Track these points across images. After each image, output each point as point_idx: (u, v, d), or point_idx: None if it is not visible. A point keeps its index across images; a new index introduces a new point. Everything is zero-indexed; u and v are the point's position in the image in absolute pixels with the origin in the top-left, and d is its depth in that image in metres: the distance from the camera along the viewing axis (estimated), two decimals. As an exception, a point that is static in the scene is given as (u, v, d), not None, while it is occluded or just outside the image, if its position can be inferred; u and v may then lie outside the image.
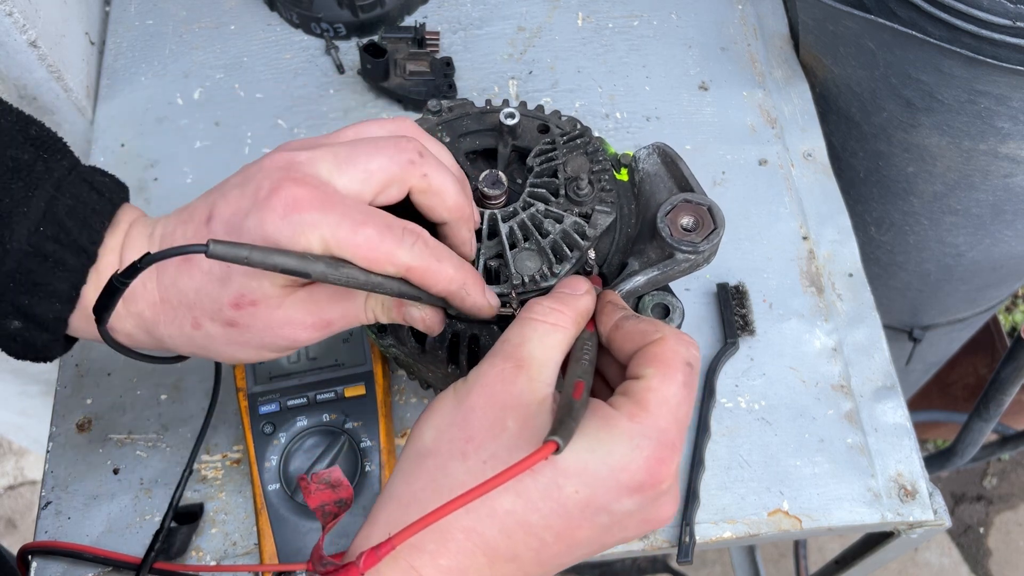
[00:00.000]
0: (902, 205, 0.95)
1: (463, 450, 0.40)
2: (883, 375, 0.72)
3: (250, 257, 0.40)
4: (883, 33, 0.74)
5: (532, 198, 0.54)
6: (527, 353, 0.42)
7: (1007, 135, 0.77)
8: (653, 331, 0.43)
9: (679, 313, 0.55)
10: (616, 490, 0.39)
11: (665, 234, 0.50)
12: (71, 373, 0.72)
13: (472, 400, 0.41)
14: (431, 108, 0.59)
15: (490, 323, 0.52)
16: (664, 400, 0.40)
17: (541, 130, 0.58)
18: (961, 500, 1.85)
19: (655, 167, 0.55)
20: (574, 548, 0.41)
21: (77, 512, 0.67)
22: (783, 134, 0.84)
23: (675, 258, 0.51)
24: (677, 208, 0.51)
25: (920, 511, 0.66)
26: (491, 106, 0.60)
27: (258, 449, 0.64)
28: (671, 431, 0.40)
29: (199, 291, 0.46)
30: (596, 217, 0.53)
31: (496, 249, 0.52)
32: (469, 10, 0.92)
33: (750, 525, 0.66)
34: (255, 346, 0.47)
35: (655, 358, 0.42)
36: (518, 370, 0.42)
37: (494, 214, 0.53)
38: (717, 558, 1.73)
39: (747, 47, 0.89)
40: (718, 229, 0.51)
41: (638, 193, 0.56)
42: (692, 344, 0.43)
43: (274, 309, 0.46)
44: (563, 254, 0.52)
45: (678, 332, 0.43)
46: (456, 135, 0.58)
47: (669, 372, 0.41)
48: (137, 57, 0.88)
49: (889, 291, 1.12)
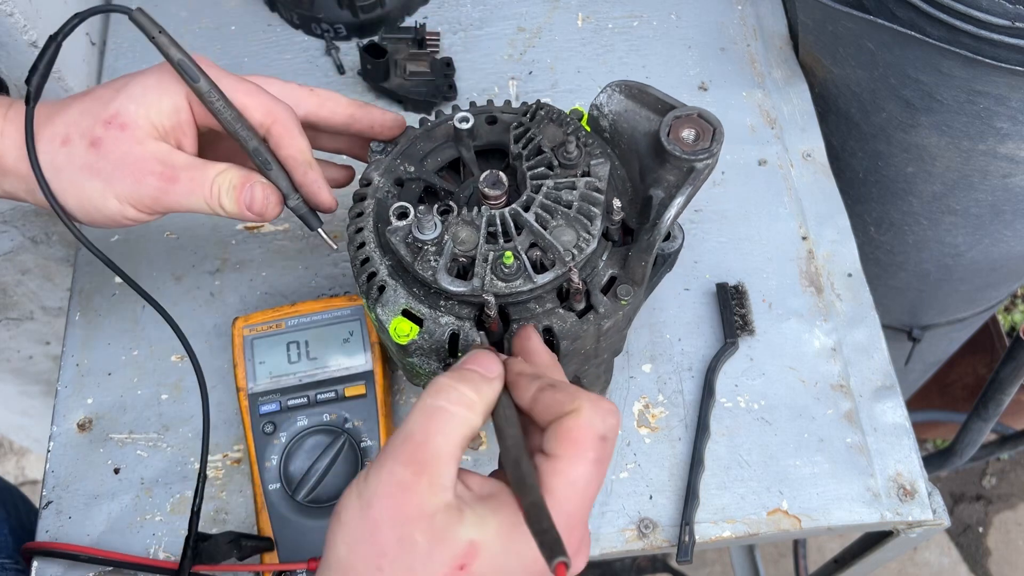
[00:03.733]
0: (901, 205, 0.95)
1: (378, 564, 0.39)
2: (882, 375, 0.72)
3: (158, 38, 0.53)
4: (882, 33, 0.74)
5: (537, 179, 0.54)
6: (431, 454, 0.41)
7: (1006, 135, 0.78)
8: (568, 402, 0.42)
9: (679, 229, 0.58)
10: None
11: (678, 152, 0.51)
12: (72, 373, 0.72)
13: (375, 513, 0.40)
14: (375, 149, 0.60)
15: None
16: (572, 483, 0.40)
17: (489, 122, 0.59)
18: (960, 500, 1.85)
19: (622, 104, 0.56)
20: None
21: (78, 512, 0.67)
22: (782, 134, 0.84)
23: (697, 169, 0.51)
24: (674, 126, 0.52)
25: (919, 511, 0.66)
26: (431, 122, 0.60)
27: (258, 449, 0.64)
28: (576, 513, 0.41)
29: (83, 110, 0.54)
30: (595, 170, 0.54)
31: (529, 239, 0.52)
32: (469, 11, 0.92)
33: (749, 525, 0.66)
34: (103, 178, 0.53)
35: (566, 436, 0.41)
36: (418, 477, 0.40)
37: (513, 209, 0.53)
38: (717, 558, 1.73)
39: (747, 47, 0.89)
40: (718, 128, 0.52)
41: (614, 134, 0.57)
42: (610, 412, 0.42)
43: (136, 143, 0.53)
44: (591, 214, 0.52)
45: (595, 400, 0.42)
46: (417, 161, 0.58)
47: (579, 451, 0.41)
48: (137, 57, 0.88)
49: (888, 291, 1.12)
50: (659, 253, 0.59)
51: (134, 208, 0.55)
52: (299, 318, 0.68)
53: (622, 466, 0.68)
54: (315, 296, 0.75)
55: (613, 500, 0.67)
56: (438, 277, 0.51)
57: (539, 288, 0.52)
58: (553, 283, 0.52)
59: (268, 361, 0.67)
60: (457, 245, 0.52)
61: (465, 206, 0.56)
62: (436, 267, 0.51)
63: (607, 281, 0.55)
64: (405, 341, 0.53)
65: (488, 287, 0.51)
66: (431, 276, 0.51)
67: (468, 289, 0.51)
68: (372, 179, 0.58)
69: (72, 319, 0.75)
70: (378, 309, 0.54)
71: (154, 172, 0.53)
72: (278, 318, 0.68)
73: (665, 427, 0.70)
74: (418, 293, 0.54)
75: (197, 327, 0.74)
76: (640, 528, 0.66)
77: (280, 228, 0.79)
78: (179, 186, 0.54)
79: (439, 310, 0.53)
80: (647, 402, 0.71)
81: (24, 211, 0.95)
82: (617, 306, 0.54)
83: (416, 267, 0.52)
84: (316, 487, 0.63)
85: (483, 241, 0.52)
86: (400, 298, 0.54)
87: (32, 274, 1.04)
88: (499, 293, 0.51)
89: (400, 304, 0.54)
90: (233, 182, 0.55)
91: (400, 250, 0.52)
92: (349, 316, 0.68)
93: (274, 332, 0.68)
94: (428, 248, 0.52)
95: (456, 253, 0.52)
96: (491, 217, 0.53)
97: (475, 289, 0.51)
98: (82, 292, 0.76)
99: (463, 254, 0.52)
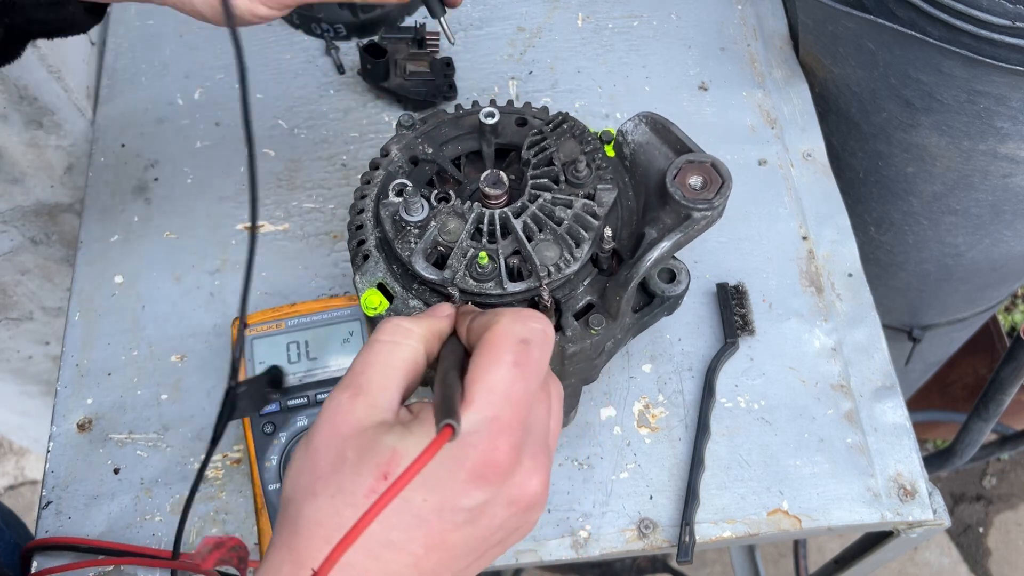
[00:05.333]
0: (902, 205, 0.95)
1: (312, 489, 0.39)
2: (882, 375, 0.72)
3: None
4: (883, 33, 0.74)
5: (537, 189, 0.54)
6: (366, 380, 0.42)
7: (1006, 135, 0.77)
8: (491, 318, 0.42)
9: (685, 274, 0.56)
10: (460, 487, 0.39)
11: (679, 197, 0.51)
12: (72, 373, 0.72)
13: (317, 439, 0.41)
14: (403, 123, 0.60)
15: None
16: (490, 387, 0.40)
17: (519, 124, 0.59)
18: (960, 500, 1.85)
19: (645, 136, 0.56)
20: (456, 554, 0.40)
21: (78, 512, 0.67)
22: (783, 134, 0.84)
23: (693, 218, 0.51)
24: (683, 170, 0.51)
25: (919, 511, 0.66)
26: (464, 110, 0.60)
27: (258, 449, 0.64)
28: (502, 416, 0.39)
29: None
30: (600, 195, 0.54)
31: (513, 246, 0.53)
32: (469, 10, 0.92)
33: (750, 525, 0.66)
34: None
35: (484, 344, 0.41)
36: (355, 399, 0.41)
37: (504, 212, 0.53)
38: (717, 558, 1.73)
39: (747, 47, 0.89)
40: (727, 182, 0.51)
41: (632, 165, 0.57)
42: (531, 317, 0.42)
43: None
44: (580, 237, 0.52)
45: (515, 312, 0.42)
46: (437, 144, 0.59)
47: (495, 356, 0.40)
48: (137, 57, 0.88)
49: (889, 291, 1.12)
50: (660, 295, 0.59)
51: (263, 4, 0.54)
52: (299, 318, 0.68)
53: (622, 466, 0.68)
54: (315, 296, 0.75)
55: (613, 500, 0.67)
56: (413, 259, 0.52)
57: (509, 295, 0.52)
58: (524, 294, 0.52)
59: (268, 361, 0.67)
60: (442, 234, 0.53)
61: (466, 198, 0.56)
62: (414, 249, 0.52)
63: (583, 307, 0.54)
64: (372, 313, 0.53)
65: (458, 281, 0.51)
66: (407, 256, 0.52)
67: (439, 278, 0.52)
68: (390, 151, 0.59)
69: (72, 319, 0.75)
70: (357, 276, 0.55)
71: None
72: (278, 318, 0.68)
73: (665, 427, 0.70)
74: (396, 271, 0.55)
75: (197, 327, 0.74)
76: (640, 528, 0.65)
77: (280, 228, 0.79)
78: None
79: (411, 292, 0.54)
80: (647, 402, 0.71)
81: (24, 211, 0.95)
82: (586, 334, 0.53)
83: (396, 245, 0.52)
84: (316, 487, 0.63)
85: (467, 236, 0.52)
86: (379, 271, 0.54)
87: (32, 274, 1.04)
88: (468, 290, 0.51)
89: (377, 277, 0.54)
90: None
91: (385, 224, 0.53)
92: (349, 316, 0.68)
93: (274, 332, 0.68)
94: (411, 230, 0.52)
95: (439, 241, 0.52)
96: (481, 215, 0.53)
97: (445, 280, 0.51)
98: (82, 292, 0.76)
99: (446, 243, 0.52)
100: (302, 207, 0.80)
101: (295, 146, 0.83)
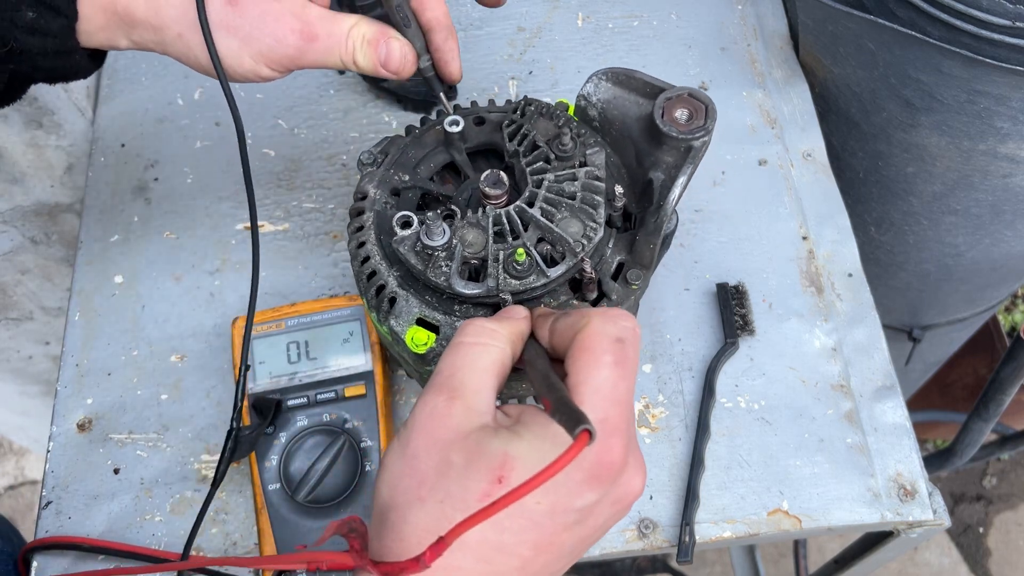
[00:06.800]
0: (902, 205, 0.95)
1: (418, 495, 0.39)
2: (883, 375, 0.72)
3: None
4: (883, 33, 0.74)
5: (537, 173, 0.54)
6: (459, 382, 0.42)
7: (1006, 135, 0.77)
8: (579, 319, 0.43)
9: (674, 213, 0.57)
10: (574, 489, 0.39)
11: (675, 133, 0.51)
12: (72, 373, 0.72)
13: (414, 445, 0.40)
14: (365, 161, 0.59)
15: None
16: (596, 389, 0.40)
17: (477, 123, 0.59)
18: (960, 500, 1.85)
19: (609, 92, 0.56)
20: (561, 553, 0.41)
21: (78, 512, 0.67)
22: (783, 134, 0.84)
23: (695, 147, 0.51)
24: (666, 108, 0.52)
25: (919, 511, 0.66)
26: (418, 128, 0.60)
27: (258, 448, 0.64)
28: (611, 416, 0.40)
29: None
30: (592, 159, 0.55)
31: (536, 234, 0.53)
32: (469, 10, 0.92)
33: (750, 525, 0.66)
34: (240, 37, 0.51)
35: (579, 347, 0.41)
36: (451, 402, 0.41)
37: (518, 206, 0.53)
38: (717, 558, 1.73)
39: (747, 47, 0.89)
40: (710, 105, 0.52)
41: (604, 123, 0.57)
42: (621, 316, 0.42)
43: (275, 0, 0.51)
44: (594, 202, 0.53)
45: (605, 312, 0.43)
46: (410, 169, 0.58)
47: (594, 357, 0.41)
48: (137, 57, 0.88)
49: (889, 291, 1.12)
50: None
51: (268, 67, 0.54)
52: (299, 318, 0.68)
53: (622, 466, 0.68)
54: (315, 296, 0.75)
55: (613, 500, 0.67)
56: (452, 282, 0.51)
57: (552, 282, 0.52)
58: (565, 275, 0.53)
59: (268, 361, 0.67)
60: (466, 248, 0.52)
61: (468, 208, 0.56)
62: (449, 272, 0.51)
63: (616, 267, 0.55)
64: (424, 350, 0.52)
65: (503, 286, 0.51)
66: (445, 282, 0.51)
67: (483, 291, 0.51)
68: (367, 192, 0.58)
69: (72, 319, 0.75)
70: (391, 321, 0.53)
71: (294, 31, 0.52)
72: (278, 318, 0.68)
73: (665, 427, 0.70)
74: (431, 300, 0.54)
75: (197, 327, 0.74)
76: (640, 528, 0.66)
77: (280, 228, 0.79)
78: (318, 44, 0.53)
79: (454, 315, 0.53)
80: (647, 402, 0.71)
81: (24, 211, 0.95)
82: (629, 291, 0.54)
83: (428, 274, 0.51)
84: (316, 487, 0.63)
85: (491, 241, 0.52)
86: (413, 308, 0.53)
87: (32, 274, 1.04)
88: (514, 291, 0.51)
89: (414, 314, 0.53)
90: (367, 36, 0.54)
91: (410, 259, 0.52)
92: (349, 316, 0.68)
93: (274, 332, 0.68)
94: (438, 254, 0.51)
95: (466, 256, 0.52)
96: (497, 216, 0.53)
97: (490, 290, 0.51)
98: (82, 292, 0.76)
99: (472, 256, 0.52)
100: (302, 207, 0.80)
101: (295, 146, 0.83)
